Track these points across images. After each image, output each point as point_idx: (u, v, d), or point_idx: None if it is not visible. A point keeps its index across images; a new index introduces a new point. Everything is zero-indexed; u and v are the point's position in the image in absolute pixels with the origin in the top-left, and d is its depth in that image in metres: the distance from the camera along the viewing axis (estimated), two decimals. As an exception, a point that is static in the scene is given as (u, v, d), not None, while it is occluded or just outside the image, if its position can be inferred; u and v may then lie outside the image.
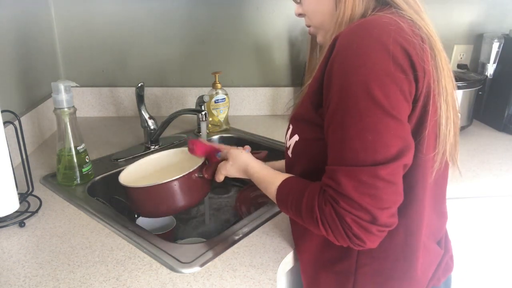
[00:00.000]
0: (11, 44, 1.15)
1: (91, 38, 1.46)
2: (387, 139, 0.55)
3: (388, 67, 0.55)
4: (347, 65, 0.56)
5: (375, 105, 0.55)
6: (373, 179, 0.55)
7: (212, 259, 0.75)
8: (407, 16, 0.61)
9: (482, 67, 1.53)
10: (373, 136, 0.55)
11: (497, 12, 1.55)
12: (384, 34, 0.56)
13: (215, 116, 1.39)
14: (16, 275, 0.70)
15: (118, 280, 0.69)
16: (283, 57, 1.55)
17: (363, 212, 0.56)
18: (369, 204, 0.55)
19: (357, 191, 0.55)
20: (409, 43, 0.57)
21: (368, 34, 0.57)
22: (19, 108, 1.18)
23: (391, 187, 0.56)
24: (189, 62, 1.52)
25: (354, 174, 0.56)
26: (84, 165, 1.00)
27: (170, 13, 1.46)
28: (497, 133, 1.41)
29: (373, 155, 0.55)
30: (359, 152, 0.55)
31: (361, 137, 0.55)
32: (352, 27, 0.59)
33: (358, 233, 0.56)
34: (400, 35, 0.57)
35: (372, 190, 0.55)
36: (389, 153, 0.55)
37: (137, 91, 1.17)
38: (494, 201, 1.11)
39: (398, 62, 0.55)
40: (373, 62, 0.55)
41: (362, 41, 0.56)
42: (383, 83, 0.55)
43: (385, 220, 0.56)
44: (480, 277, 1.20)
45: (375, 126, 0.55)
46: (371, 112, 0.55)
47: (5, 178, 0.82)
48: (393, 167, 0.55)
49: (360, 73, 0.55)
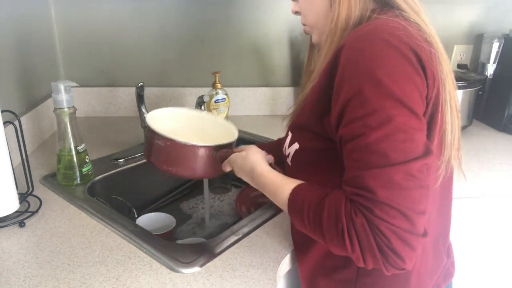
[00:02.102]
0: (11, 44, 1.15)
1: (91, 38, 1.46)
2: (415, 137, 0.52)
3: (404, 67, 0.53)
4: (363, 70, 0.54)
5: (400, 104, 0.52)
6: (406, 177, 0.50)
7: (212, 259, 0.75)
8: (411, 19, 0.60)
9: (482, 67, 1.53)
10: (403, 135, 0.52)
11: (497, 12, 1.55)
12: (394, 38, 0.54)
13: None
14: (16, 275, 0.70)
15: (118, 280, 0.69)
16: (283, 57, 1.55)
17: (401, 219, 0.49)
18: (406, 208, 0.49)
19: (391, 193, 0.50)
20: (419, 48, 0.55)
21: (378, 38, 0.55)
22: (19, 108, 1.18)
23: (422, 186, 0.52)
24: (189, 62, 1.52)
25: (386, 175, 0.51)
26: (84, 165, 1.00)
27: (170, 13, 1.46)
28: (497, 133, 1.41)
29: (404, 154, 0.51)
30: (388, 152, 0.51)
31: (390, 137, 0.51)
32: (358, 33, 0.57)
33: (396, 247, 0.49)
34: (410, 39, 0.55)
35: (407, 191, 0.50)
36: (419, 149, 0.52)
37: (137, 91, 1.17)
38: (494, 201, 1.11)
39: (412, 63, 0.54)
40: (390, 64, 0.53)
41: (375, 46, 0.54)
42: (403, 84, 0.53)
43: (423, 227, 0.51)
44: (480, 277, 1.20)
45: (404, 124, 0.52)
46: (398, 111, 0.52)
47: (5, 178, 0.82)
48: (422, 164, 0.52)
49: (379, 75, 0.52)
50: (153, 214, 1.01)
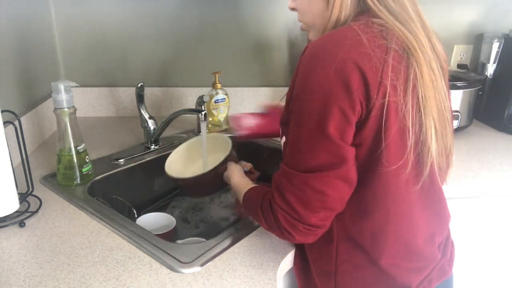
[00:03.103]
0: (11, 44, 1.15)
1: (91, 38, 1.46)
2: (316, 153, 0.61)
3: (334, 85, 0.59)
4: (301, 79, 0.62)
5: (313, 122, 0.60)
6: (302, 185, 0.62)
7: (212, 259, 0.75)
8: (376, 25, 0.61)
9: (482, 67, 1.53)
10: (306, 147, 0.62)
11: (497, 12, 1.55)
12: (338, 49, 0.59)
13: (215, 116, 1.39)
14: (16, 275, 0.70)
15: (118, 280, 0.69)
16: (283, 57, 1.55)
17: (291, 210, 0.63)
18: (297, 204, 0.62)
19: (289, 190, 0.63)
20: (365, 57, 0.58)
21: (325, 49, 0.60)
22: (19, 108, 1.18)
23: (319, 195, 0.62)
24: (189, 62, 1.52)
25: (290, 176, 0.64)
26: (84, 165, 1.00)
27: (170, 13, 1.46)
28: (497, 133, 1.41)
29: (303, 163, 0.62)
30: (294, 158, 0.64)
31: (297, 146, 0.63)
32: (317, 40, 0.62)
33: (286, 228, 0.64)
34: (356, 49, 0.59)
35: (300, 193, 0.62)
36: (318, 164, 0.61)
37: (137, 91, 1.17)
38: (494, 201, 1.11)
39: (346, 79, 0.58)
40: (319, 80, 0.59)
41: (318, 57, 0.60)
42: (325, 102, 0.59)
43: (314, 221, 0.63)
44: (480, 276, 1.20)
45: (308, 140, 0.61)
46: (308, 127, 0.61)
47: (5, 178, 0.82)
48: (323, 177, 0.61)
49: (308, 89, 0.61)
50: (153, 214, 1.01)
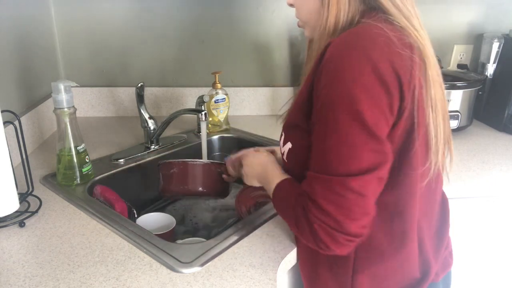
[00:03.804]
0: (11, 44, 1.15)
1: (91, 38, 1.46)
2: (360, 153, 0.57)
3: (371, 83, 0.56)
4: (333, 78, 0.58)
5: (353, 120, 0.56)
6: (344, 189, 0.57)
7: (212, 259, 0.75)
8: (396, 22, 0.61)
9: (482, 67, 1.53)
10: (348, 149, 0.57)
11: (497, 12, 1.55)
12: (372, 47, 0.57)
13: (215, 116, 1.39)
14: (16, 275, 0.70)
15: (118, 280, 0.69)
16: (283, 57, 1.55)
17: (331, 220, 0.58)
18: (337, 213, 0.58)
19: (327, 199, 0.58)
20: (398, 56, 0.57)
21: (357, 47, 0.57)
22: (19, 108, 1.18)
23: (360, 198, 0.58)
24: (189, 62, 1.52)
25: (327, 183, 0.59)
26: (84, 165, 1.00)
27: (170, 13, 1.46)
28: (497, 133, 1.41)
29: (346, 167, 0.58)
30: (333, 163, 0.58)
31: (337, 149, 0.58)
32: (343, 37, 0.59)
33: (324, 239, 0.59)
34: (389, 47, 0.57)
35: (342, 200, 0.58)
36: (362, 166, 0.57)
37: (137, 91, 1.17)
38: (494, 201, 1.11)
39: (382, 78, 0.56)
40: (357, 78, 0.56)
41: (350, 55, 0.57)
42: (365, 99, 0.56)
43: (354, 230, 0.59)
44: (479, 276, 1.20)
45: (351, 140, 0.57)
46: (349, 126, 0.57)
47: (5, 178, 0.82)
48: (365, 180, 0.57)
49: (344, 87, 0.57)
50: (153, 214, 1.01)
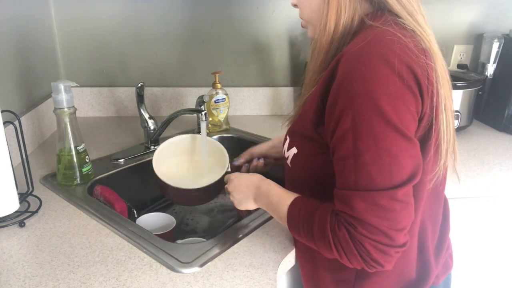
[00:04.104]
0: (11, 44, 1.15)
1: (91, 38, 1.46)
2: (402, 161, 0.55)
3: (397, 88, 0.54)
4: (356, 90, 0.55)
5: (389, 127, 0.54)
6: (391, 202, 0.54)
7: (212, 259, 0.75)
8: (408, 27, 0.60)
9: (482, 67, 1.53)
10: (390, 159, 0.54)
11: (497, 12, 1.55)
12: (390, 54, 0.55)
13: (215, 116, 1.39)
14: (16, 275, 0.70)
15: (118, 280, 0.69)
16: (283, 57, 1.55)
17: (382, 236, 0.55)
18: (388, 228, 0.54)
19: (375, 215, 0.54)
20: (414, 62, 0.56)
21: (374, 55, 0.55)
22: (19, 108, 1.18)
23: (407, 207, 0.56)
24: (189, 62, 1.52)
25: (372, 199, 0.54)
26: (84, 165, 1.00)
27: (170, 13, 1.45)
28: (497, 133, 1.41)
29: (389, 179, 0.54)
30: (375, 176, 0.54)
31: (377, 161, 0.54)
32: (355, 46, 0.57)
33: (376, 257, 0.55)
34: (406, 53, 0.56)
35: (390, 213, 0.54)
36: (405, 174, 0.55)
37: (137, 91, 1.17)
38: (494, 201, 1.11)
39: (406, 82, 0.55)
40: (382, 85, 0.54)
41: (369, 64, 0.55)
42: (394, 105, 0.54)
43: (402, 240, 0.56)
44: (479, 276, 1.20)
45: (391, 148, 0.54)
46: (386, 135, 0.54)
47: (5, 178, 0.82)
48: (408, 188, 0.55)
49: (371, 97, 0.54)
50: (153, 214, 1.01)
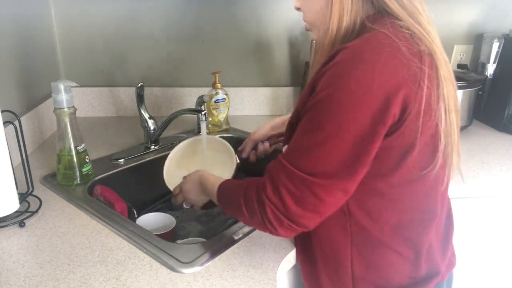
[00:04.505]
0: (11, 44, 1.15)
1: (91, 38, 1.46)
2: (330, 159, 0.58)
3: (367, 97, 0.56)
4: (334, 83, 0.58)
5: (336, 129, 0.57)
6: (303, 186, 0.59)
7: (212, 259, 0.75)
8: (405, 29, 0.60)
9: (482, 67, 1.53)
10: (319, 151, 0.58)
11: (497, 12, 1.55)
12: (376, 58, 0.56)
13: (215, 116, 1.39)
14: (16, 275, 0.70)
15: (118, 280, 0.69)
16: (283, 57, 1.55)
17: (282, 206, 0.61)
18: (289, 202, 0.60)
19: (286, 188, 0.60)
20: (404, 68, 0.57)
21: (364, 59, 0.57)
22: (19, 108, 1.18)
23: (315, 200, 0.60)
24: (189, 62, 1.52)
25: (291, 175, 0.60)
26: (84, 165, 1.00)
27: (171, 13, 1.46)
28: (497, 133, 1.41)
29: (310, 166, 0.59)
30: (301, 158, 0.60)
31: (308, 147, 0.59)
32: (354, 46, 0.59)
33: (271, 220, 0.62)
34: (397, 59, 0.57)
35: (298, 193, 0.60)
36: (325, 170, 0.58)
37: (137, 91, 1.17)
38: (494, 201, 1.11)
39: (383, 91, 0.56)
40: (356, 87, 0.56)
41: (357, 67, 0.57)
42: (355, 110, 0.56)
43: (301, 221, 0.61)
44: (480, 277, 1.20)
45: (325, 144, 0.58)
46: (328, 132, 0.57)
47: (5, 178, 0.82)
48: (325, 185, 0.59)
49: (339, 94, 0.57)
50: (153, 214, 1.01)
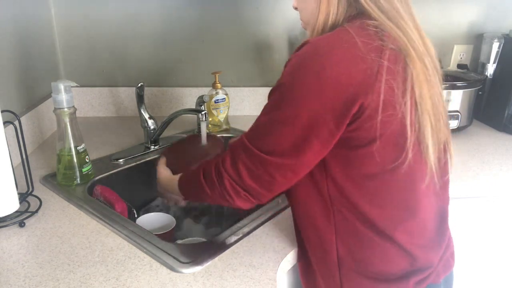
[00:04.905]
0: (11, 44, 1.15)
1: (91, 38, 1.46)
2: (284, 140, 0.63)
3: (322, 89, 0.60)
4: (293, 70, 0.64)
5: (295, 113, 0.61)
6: (258, 164, 0.65)
7: (212, 259, 0.75)
8: (372, 27, 0.62)
9: (482, 67, 1.53)
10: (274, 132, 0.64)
11: (497, 12, 1.55)
12: (331, 52, 0.60)
13: (215, 116, 1.39)
14: (16, 275, 0.70)
15: (118, 280, 0.69)
16: (283, 57, 1.55)
17: (240, 180, 0.68)
18: (246, 177, 0.67)
19: (243, 164, 0.67)
20: (358, 61, 0.59)
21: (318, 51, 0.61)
22: (19, 108, 1.18)
23: (269, 177, 0.66)
24: (189, 62, 1.52)
25: (249, 153, 0.66)
26: (84, 165, 1.00)
27: (170, 13, 1.46)
28: (497, 133, 1.41)
29: (265, 145, 0.65)
30: (259, 138, 0.66)
31: (266, 128, 0.66)
32: (316, 40, 0.63)
33: (229, 191, 0.69)
34: (350, 52, 0.59)
35: (254, 169, 0.66)
36: (280, 150, 0.64)
37: (137, 91, 1.17)
38: (494, 201, 1.11)
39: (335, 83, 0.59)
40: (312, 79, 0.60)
41: (313, 57, 0.61)
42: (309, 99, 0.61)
43: (253, 192, 0.68)
44: (480, 276, 1.20)
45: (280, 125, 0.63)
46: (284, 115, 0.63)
47: (5, 178, 0.82)
48: (277, 164, 0.64)
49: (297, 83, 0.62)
50: (153, 214, 1.02)
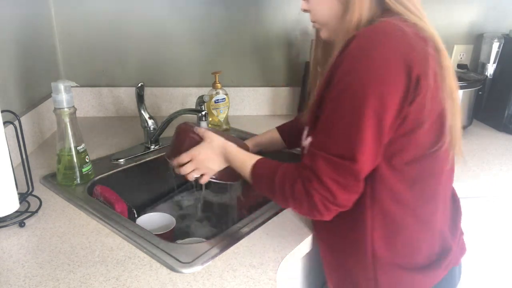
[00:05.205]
0: (11, 44, 1.15)
1: (91, 38, 1.46)
2: (367, 140, 0.62)
3: (388, 76, 0.61)
4: (355, 65, 0.63)
5: (367, 107, 0.61)
6: (346, 173, 0.64)
7: (212, 259, 0.75)
8: (410, 21, 0.65)
9: (482, 67, 1.53)
10: (357, 134, 0.62)
11: (497, 12, 1.55)
12: (391, 41, 0.62)
13: (215, 116, 1.39)
14: (16, 275, 0.70)
15: (118, 280, 0.69)
16: (283, 57, 1.55)
17: (331, 196, 0.66)
18: (337, 191, 0.65)
19: (330, 177, 0.65)
20: (413, 49, 0.62)
21: (379, 41, 0.62)
22: (19, 108, 1.18)
23: (358, 182, 0.66)
24: (189, 62, 1.52)
25: (333, 164, 0.64)
26: (84, 165, 1.00)
27: (170, 13, 1.46)
28: (497, 133, 1.41)
29: (349, 152, 0.63)
30: (341, 146, 0.64)
31: (347, 132, 0.63)
32: (367, 32, 0.64)
33: (321, 210, 0.67)
34: (405, 40, 0.62)
35: (342, 180, 0.65)
36: (365, 152, 0.63)
37: (137, 91, 1.17)
38: (494, 201, 1.11)
39: (398, 71, 0.61)
40: (376, 68, 0.61)
41: (373, 48, 0.62)
42: (379, 85, 0.61)
43: (344, 203, 0.67)
44: (480, 276, 1.20)
45: (361, 125, 0.62)
46: (362, 112, 0.61)
47: (5, 178, 0.82)
48: (363, 167, 0.64)
49: (364, 75, 0.62)
50: (153, 214, 1.02)
